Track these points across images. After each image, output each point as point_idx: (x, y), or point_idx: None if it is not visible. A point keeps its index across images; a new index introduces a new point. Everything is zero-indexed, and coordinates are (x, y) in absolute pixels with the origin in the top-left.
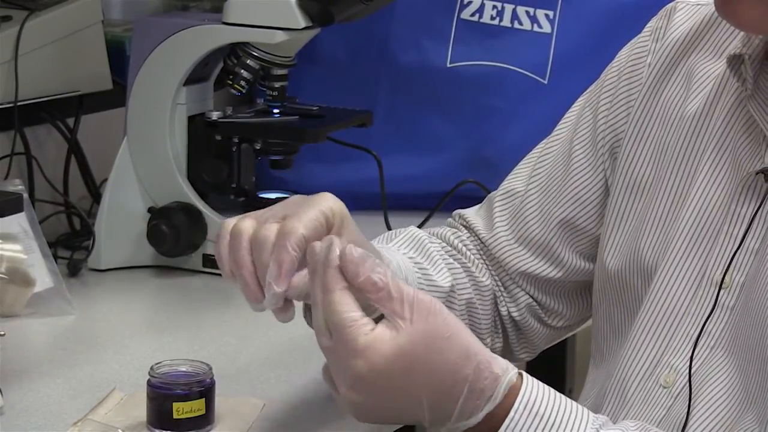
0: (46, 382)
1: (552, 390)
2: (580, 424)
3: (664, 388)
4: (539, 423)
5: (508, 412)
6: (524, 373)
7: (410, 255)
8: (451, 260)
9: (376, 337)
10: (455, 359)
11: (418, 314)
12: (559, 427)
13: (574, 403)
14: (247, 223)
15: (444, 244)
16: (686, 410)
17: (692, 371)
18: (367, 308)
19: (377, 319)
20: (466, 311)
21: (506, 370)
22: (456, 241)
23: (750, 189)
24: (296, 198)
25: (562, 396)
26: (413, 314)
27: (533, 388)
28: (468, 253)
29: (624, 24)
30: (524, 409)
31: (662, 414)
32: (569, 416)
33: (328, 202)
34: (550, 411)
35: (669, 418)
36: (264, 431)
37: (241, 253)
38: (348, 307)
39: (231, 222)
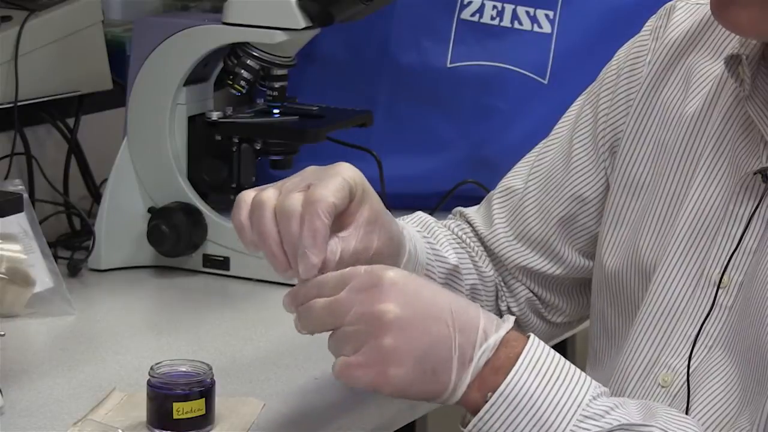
0: (46, 382)
1: (557, 353)
2: (582, 387)
3: (663, 387)
4: (542, 380)
5: (512, 368)
6: (532, 335)
7: (419, 230)
8: (456, 246)
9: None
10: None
11: None
12: (562, 384)
13: (578, 369)
14: (269, 192)
15: (450, 232)
16: (684, 410)
17: (690, 371)
18: None
19: None
20: (471, 296)
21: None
22: (460, 233)
23: (748, 189)
24: (313, 168)
25: (566, 360)
26: None
27: (538, 346)
28: (472, 243)
29: (624, 24)
30: (528, 363)
31: None
32: (572, 377)
33: (349, 172)
34: (554, 369)
35: None
36: (264, 431)
37: (265, 223)
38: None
39: (250, 193)
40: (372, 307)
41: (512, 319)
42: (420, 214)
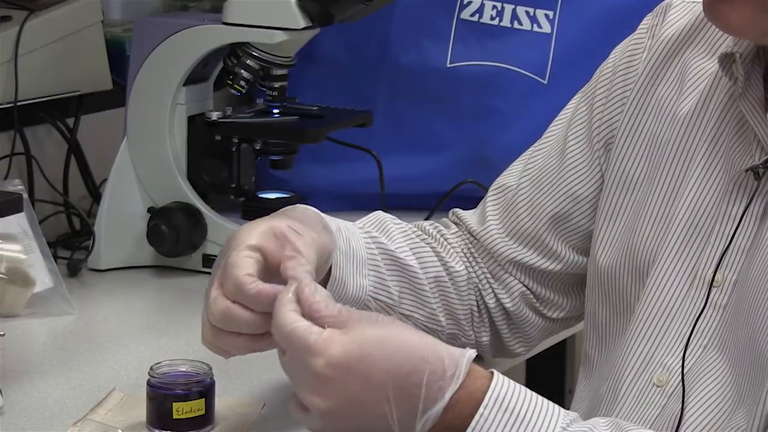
0: (46, 382)
1: (522, 387)
2: (550, 421)
3: (658, 387)
4: (509, 418)
5: (477, 408)
6: (495, 371)
7: (368, 230)
8: (414, 238)
9: (327, 336)
10: (409, 342)
11: (362, 317)
12: (529, 422)
13: (545, 399)
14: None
15: (414, 229)
16: (680, 409)
17: (685, 370)
18: None
19: None
20: (436, 288)
21: (464, 351)
22: (431, 230)
23: (741, 187)
24: (217, 265)
25: (533, 392)
26: (357, 319)
27: (503, 384)
28: (440, 238)
29: (624, 24)
30: (494, 404)
31: (656, 413)
32: (539, 412)
33: (245, 242)
34: (521, 406)
35: (663, 417)
36: (264, 431)
37: (228, 340)
38: (296, 317)
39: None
40: (304, 395)
41: (463, 371)
42: (377, 213)
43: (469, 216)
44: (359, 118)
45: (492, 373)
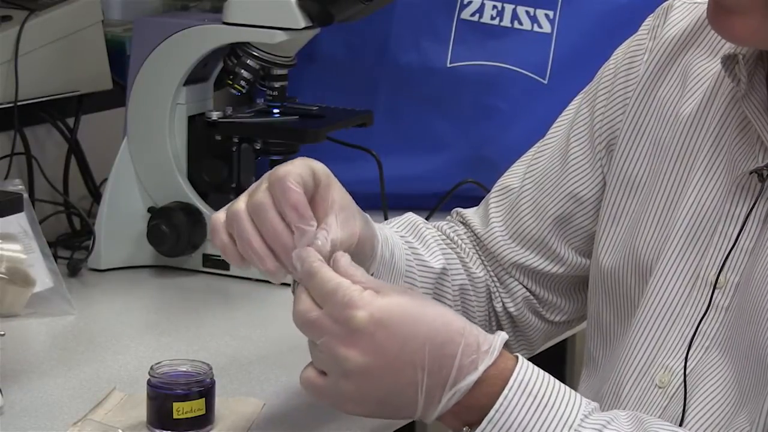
0: (46, 382)
1: (546, 373)
2: (572, 408)
3: (659, 388)
4: (532, 402)
5: (502, 390)
6: (519, 355)
7: (403, 234)
8: (445, 247)
9: (369, 294)
10: (446, 314)
11: (395, 287)
12: (551, 408)
13: (568, 387)
14: (239, 202)
15: (439, 233)
16: (681, 410)
17: (687, 371)
18: None
19: None
20: (459, 297)
21: (498, 332)
22: (451, 233)
23: (744, 189)
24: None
25: (556, 380)
26: (391, 287)
27: (527, 369)
28: (462, 244)
29: (624, 24)
30: (518, 387)
31: (657, 414)
32: (562, 398)
33: (310, 159)
34: (544, 391)
35: (664, 418)
36: (264, 431)
37: (244, 228)
38: (335, 275)
39: (221, 213)
40: (337, 348)
41: (497, 347)
42: (409, 216)
43: (472, 217)
44: (359, 118)
45: (517, 357)
